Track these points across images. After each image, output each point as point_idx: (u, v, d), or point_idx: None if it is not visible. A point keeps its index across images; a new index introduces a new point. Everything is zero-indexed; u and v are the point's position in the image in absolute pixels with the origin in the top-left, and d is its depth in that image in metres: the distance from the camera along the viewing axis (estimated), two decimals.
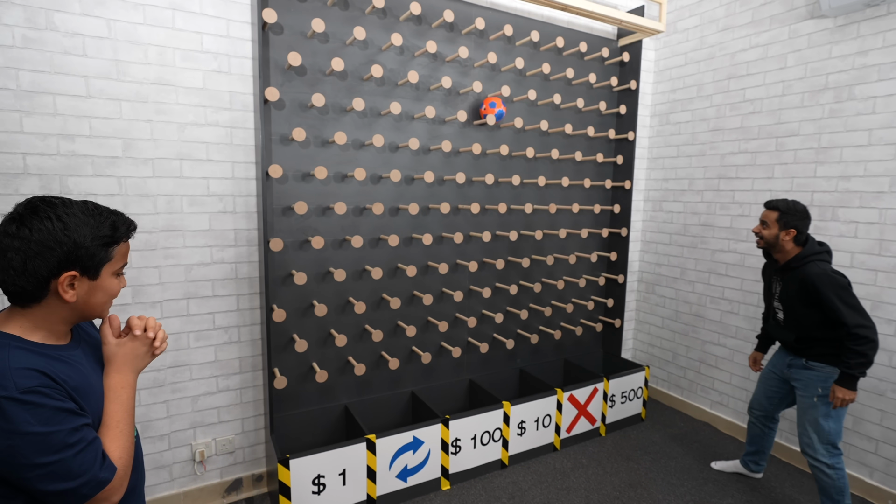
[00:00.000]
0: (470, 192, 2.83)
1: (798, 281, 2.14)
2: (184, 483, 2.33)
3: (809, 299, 2.11)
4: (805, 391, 2.20)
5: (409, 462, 2.40)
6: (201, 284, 2.26)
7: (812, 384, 2.17)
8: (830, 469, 2.13)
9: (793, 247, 2.18)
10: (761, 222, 2.24)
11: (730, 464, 2.74)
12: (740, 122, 3.03)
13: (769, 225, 2.20)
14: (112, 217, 1.01)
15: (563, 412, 2.89)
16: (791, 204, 2.16)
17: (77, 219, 0.95)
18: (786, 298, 2.24)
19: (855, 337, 1.98)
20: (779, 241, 2.19)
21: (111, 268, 1.01)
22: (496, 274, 2.99)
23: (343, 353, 2.57)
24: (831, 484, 2.15)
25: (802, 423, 2.21)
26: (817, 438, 2.15)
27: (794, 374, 2.26)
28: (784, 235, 2.17)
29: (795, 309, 2.19)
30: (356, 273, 2.55)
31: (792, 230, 2.15)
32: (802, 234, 2.16)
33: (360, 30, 2.23)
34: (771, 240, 2.21)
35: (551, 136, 3.08)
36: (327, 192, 2.42)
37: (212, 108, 2.19)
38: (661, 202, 3.58)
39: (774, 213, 2.19)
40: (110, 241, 0.99)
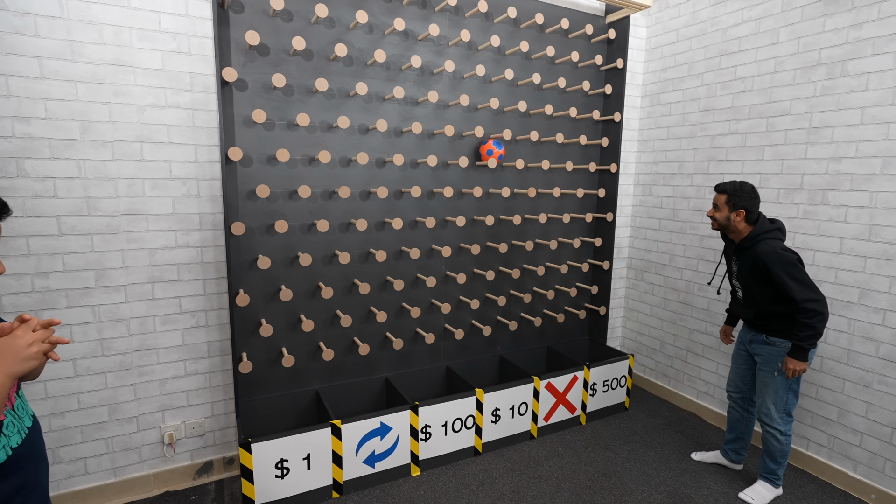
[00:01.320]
0: (444, 175, 2.76)
1: (751, 260, 2.20)
2: (154, 465, 2.36)
3: (761, 277, 2.17)
4: (765, 365, 2.26)
5: (377, 448, 2.39)
6: (166, 268, 2.26)
7: (772, 359, 2.23)
8: (783, 435, 2.25)
9: (745, 226, 2.23)
10: (713, 205, 2.30)
11: (710, 454, 2.68)
12: (731, 102, 2.90)
13: (720, 207, 2.26)
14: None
15: (540, 400, 2.84)
16: (738, 185, 2.21)
17: None
18: (742, 277, 2.30)
19: (804, 311, 2.04)
20: (730, 222, 2.24)
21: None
22: (473, 260, 2.94)
23: (313, 338, 2.56)
24: (779, 448, 2.27)
25: (762, 393, 2.29)
26: (774, 408, 2.24)
27: (756, 349, 2.32)
28: (735, 216, 2.22)
29: (751, 287, 2.25)
30: (326, 258, 2.52)
31: (741, 211, 2.20)
32: (753, 214, 2.21)
33: (322, 7, 2.17)
34: (723, 221, 2.26)
35: (532, 118, 2.99)
36: (294, 175, 2.38)
37: (172, 89, 2.16)
38: (651, 186, 3.46)
39: (723, 196, 2.24)
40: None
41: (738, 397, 2.50)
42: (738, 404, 2.51)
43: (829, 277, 2.49)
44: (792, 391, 2.22)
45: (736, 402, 2.52)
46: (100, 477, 2.25)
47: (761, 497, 2.34)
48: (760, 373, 2.29)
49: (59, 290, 2.07)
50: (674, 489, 2.44)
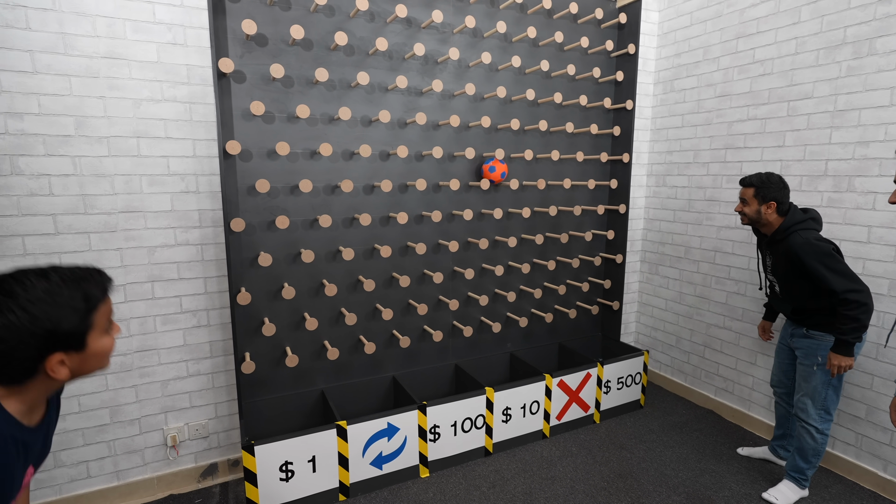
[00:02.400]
0: (450, 168, 2.68)
1: (784, 253, 2.09)
2: (157, 468, 2.31)
3: (797, 270, 2.06)
4: (805, 359, 2.16)
5: (384, 449, 2.32)
6: (166, 267, 2.20)
7: (812, 352, 2.13)
8: (819, 433, 2.13)
9: (776, 218, 2.14)
10: (741, 200, 2.21)
11: (757, 450, 2.61)
12: (749, 86, 2.77)
13: (748, 201, 2.17)
14: (82, 284, 0.94)
15: (552, 398, 2.75)
16: (765, 177, 2.12)
17: (43, 304, 0.88)
18: (777, 271, 2.19)
19: (846, 302, 1.94)
20: (761, 215, 2.15)
21: (97, 331, 0.96)
22: (481, 254, 2.85)
23: (318, 337, 2.49)
24: (813, 447, 2.15)
25: (800, 387, 2.18)
26: (812, 403, 2.13)
27: (796, 342, 2.22)
28: (765, 209, 2.13)
29: (787, 281, 2.15)
30: (329, 254, 2.45)
31: (772, 202, 2.11)
32: (784, 205, 2.12)
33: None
34: (753, 216, 2.18)
35: (540, 107, 2.89)
36: (295, 169, 2.31)
37: (168, 82, 2.10)
38: (665, 176, 3.34)
39: (750, 189, 2.16)
40: (87, 311, 0.93)
41: (783, 392, 2.40)
42: (783, 399, 2.42)
43: (857, 268, 2.36)
44: (832, 388, 2.10)
45: (781, 397, 2.43)
46: (102, 480, 2.21)
47: (785, 497, 2.24)
48: (800, 367, 2.19)
49: None
50: (693, 490, 2.34)
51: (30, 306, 0.86)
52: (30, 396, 0.94)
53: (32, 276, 0.89)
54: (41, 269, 0.91)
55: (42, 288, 0.88)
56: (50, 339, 0.89)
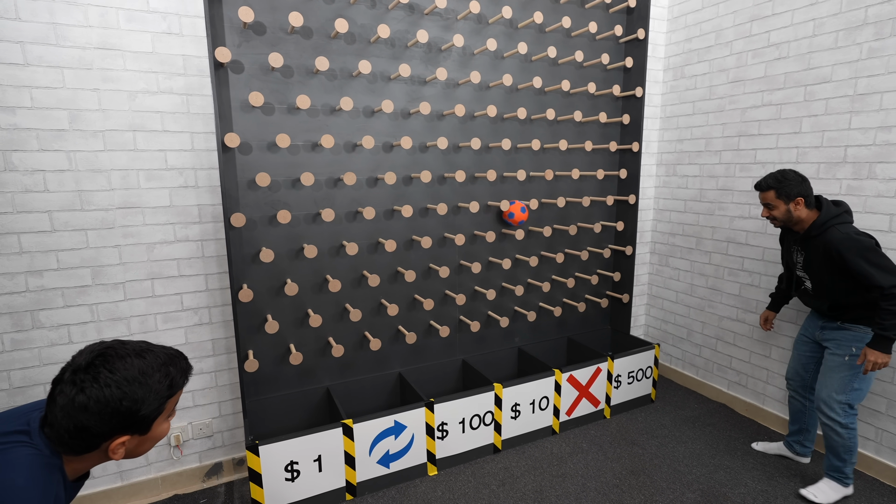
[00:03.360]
0: (456, 158, 2.61)
1: (821, 249, 2.00)
2: (161, 468, 2.27)
3: (836, 267, 1.97)
4: (837, 349, 2.08)
5: (391, 447, 2.27)
6: (165, 264, 2.15)
7: (845, 343, 2.06)
8: (843, 428, 2.05)
9: (808, 213, 2.06)
10: (765, 205, 2.13)
11: (773, 445, 2.53)
12: (764, 71, 2.67)
13: (774, 205, 2.09)
14: (170, 371, 0.94)
15: (562, 394, 2.70)
16: (780, 175, 2.05)
17: (136, 384, 0.88)
18: (810, 268, 2.09)
19: (891, 297, 1.84)
20: (791, 214, 2.07)
21: (162, 416, 0.97)
22: (488, 248, 2.78)
23: (322, 334, 2.44)
24: (841, 443, 2.07)
25: (825, 379, 2.10)
26: (836, 397, 2.05)
27: (827, 335, 2.14)
28: (794, 207, 2.05)
29: (823, 278, 2.05)
30: (332, 249, 2.39)
31: (798, 199, 2.03)
32: (810, 198, 2.05)
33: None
34: (784, 217, 2.09)
35: (547, 95, 2.80)
36: (296, 162, 2.25)
37: (164, 73, 2.03)
38: (676, 165, 3.26)
39: (770, 192, 2.08)
40: (167, 398, 0.95)
41: (797, 385, 2.34)
42: (798, 393, 2.35)
43: None
44: (861, 380, 2.02)
45: (796, 391, 2.36)
46: (106, 481, 2.18)
47: (825, 495, 2.15)
48: (830, 357, 2.10)
49: (54, 289, 1.98)
50: (708, 487, 2.28)
51: (124, 385, 0.87)
52: (82, 466, 0.95)
53: (132, 353, 0.89)
54: (139, 347, 0.92)
55: (138, 367, 0.89)
56: (127, 421, 0.89)
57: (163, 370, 0.92)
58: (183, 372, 0.97)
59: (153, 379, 0.90)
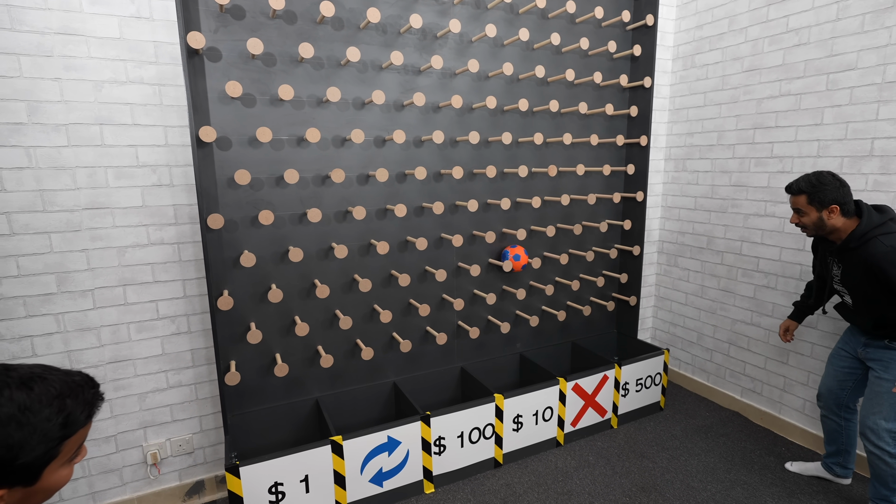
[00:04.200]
0: (453, 154, 2.44)
1: (861, 263, 1.79)
2: (137, 487, 2.12)
3: (878, 282, 1.76)
4: (885, 373, 1.87)
5: (385, 465, 2.11)
6: (139, 269, 1.98)
7: (894, 365, 1.85)
8: (893, 458, 1.85)
9: (844, 222, 1.83)
10: (795, 211, 1.91)
11: (810, 466, 2.31)
12: (782, 59, 2.50)
13: (804, 211, 1.87)
14: (67, 403, 0.73)
15: (566, 404, 2.54)
16: (815, 179, 1.83)
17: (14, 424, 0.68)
18: (849, 282, 1.88)
19: None
20: (824, 223, 1.85)
21: (58, 461, 0.75)
22: (487, 249, 2.62)
23: (311, 342, 2.28)
24: (890, 473, 1.87)
25: (871, 405, 1.89)
26: (885, 425, 1.84)
27: (872, 353, 1.93)
28: (827, 215, 1.83)
29: (865, 293, 1.84)
30: (321, 252, 2.23)
31: (833, 206, 1.81)
32: (848, 205, 1.81)
33: None
34: (816, 225, 1.87)
35: (550, 86, 2.63)
36: (280, 158, 2.08)
37: (133, 62, 1.86)
38: (685, 160, 3.09)
39: (802, 197, 1.86)
40: (59, 440, 0.73)
41: (832, 403, 2.12)
42: (832, 412, 2.14)
43: None
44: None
45: (829, 409, 2.15)
46: (76, 503, 2.02)
47: None
48: (876, 381, 1.89)
49: (14, 298, 1.81)
50: None
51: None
52: None
53: (15, 383, 0.70)
54: (28, 374, 0.72)
55: (18, 403, 0.69)
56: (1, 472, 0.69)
57: (55, 404, 0.72)
58: (87, 404, 0.77)
59: (39, 417, 0.71)
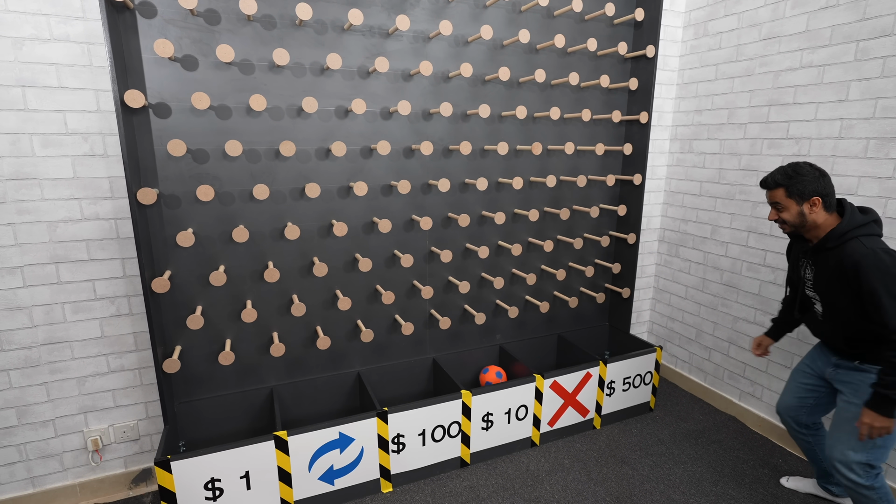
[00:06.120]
0: (425, 128, 2.21)
1: (835, 263, 1.60)
2: (79, 473, 2.02)
3: (849, 285, 1.56)
4: (853, 397, 1.68)
5: (336, 462, 1.97)
6: (72, 246, 1.84)
7: (865, 389, 1.64)
8: (869, 490, 1.65)
9: (826, 218, 1.64)
10: (773, 206, 1.72)
11: (807, 483, 2.12)
12: (806, 24, 2.19)
13: (784, 205, 1.68)
14: None
15: (543, 402, 2.35)
16: (791, 169, 1.65)
17: None
18: (821, 286, 1.69)
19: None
20: (805, 218, 1.65)
21: None
22: (462, 233, 2.41)
23: (266, 329, 2.13)
24: (873, 500, 1.66)
25: (839, 433, 1.69)
26: (854, 457, 1.65)
27: (842, 375, 1.75)
28: (808, 209, 1.64)
29: (835, 300, 1.64)
30: (275, 231, 2.05)
31: (814, 199, 1.62)
32: (831, 197, 1.63)
33: None
34: (796, 221, 1.67)
35: (538, 54, 2.37)
36: (228, 128, 1.89)
37: (57, 16, 1.67)
38: (692, 141, 2.80)
39: (780, 190, 1.67)
40: None
41: (792, 420, 1.96)
42: (795, 431, 1.97)
43: None
44: (886, 437, 1.59)
45: (791, 427, 1.98)
46: (15, 487, 1.94)
47: None
48: (844, 406, 1.70)
49: None
50: None
51: None
52: None
53: None
54: None
55: None
56: None
57: None
58: None
59: None
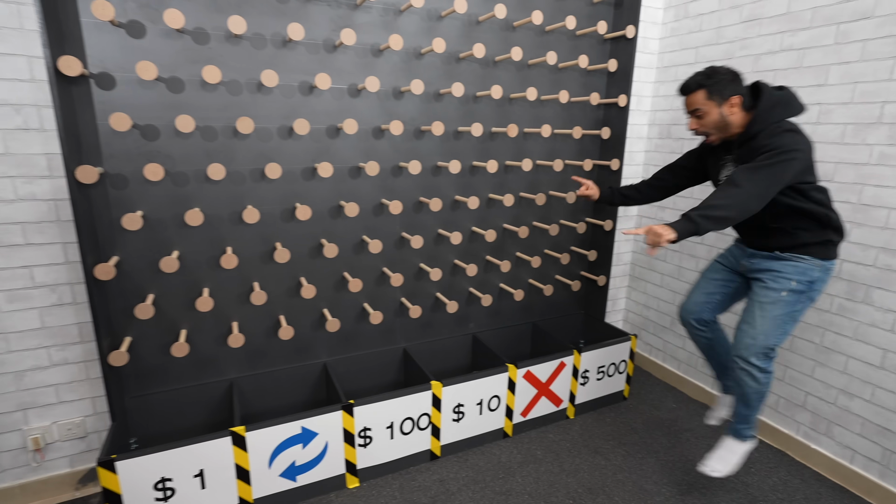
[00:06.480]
0: (395, 107, 2.10)
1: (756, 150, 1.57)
2: (19, 475, 1.88)
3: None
4: (773, 282, 1.70)
5: (298, 458, 1.88)
6: (5, 229, 1.68)
7: (785, 275, 1.68)
8: (762, 373, 1.70)
9: (743, 116, 1.65)
10: (692, 115, 1.70)
11: (722, 409, 2.11)
12: (787, 6, 2.14)
13: (704, 110, 1.66)
14: None
15: (516, 392, 2.30)
16: (709, 70, 1.65)
17: None
18: None
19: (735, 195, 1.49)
20: (726, 120, 1.65)
21: None
22: (435, 218, 2.31)
23: (225, 318, 2.01)
24: (756, 388, 1.72)
25: (752, 319, 1.70)
26: (763, 342, 1.66)
27: (757, 264, 1.77)
28: (728, 110, 1.64)
29: None
30: (233, 215, 1.92)
31: (733, 98, 1.63)
32: (746, 98, 1.64)
33: None
34: (718, 124, 1.66)
35: (515, 32, 2.27)
36: (180, 102, 1.75)
37: None
38: (671, 126, 2.75)
39: (701, 93, 1.65)
40: None
41: (693, 318, 1.97)
42: (694, 328, 1.98)
43: None
44: (793, 322, 1.69)
45: (696, 324, 1.97)
46: None
47: (727, 463, 1.84)
48: (762, 292, 1.70)
49: None
50: None
51: None
52: None
53: None
54: None
55: None
56: None
57: None
58: None
59: None
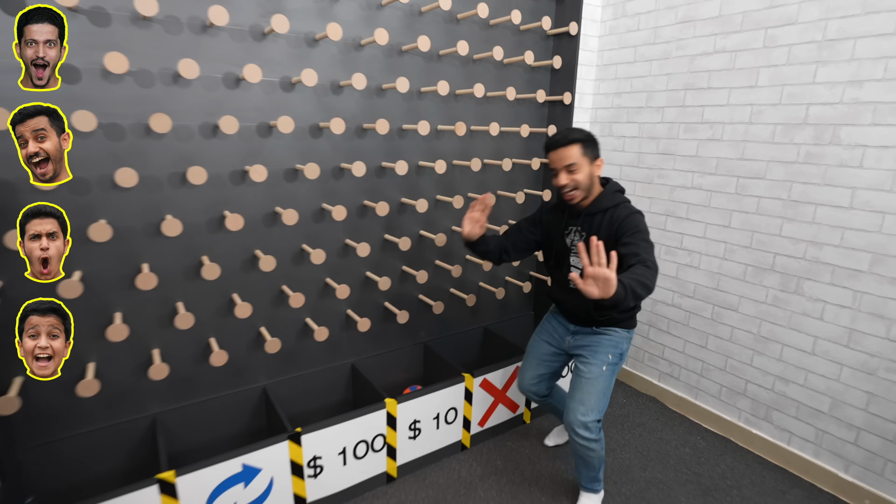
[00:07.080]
0: (334, 102, 1.93)
1: (606, 226, 1.65)
2: None
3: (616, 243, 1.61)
4: (594, 358, 1.76)
5: (241, 499, 1.67)
6: None
7: (603, 349, 1.76)
8: (597, 443, 1.75)
9: (596, 181, 1.72)
10: (564, 169, 1.66)
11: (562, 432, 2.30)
12: (719, 9, 2.20)
13: (578, 166, 1.64)
14: None
15: (473, 403, 2.21)
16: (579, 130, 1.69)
17: None
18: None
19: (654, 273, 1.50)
20: (592, 180, 1.68)
21: None
22: (380, 223, 2.17)
23: (145, 346, 1.74)
24: (596, 455, 1.77)
25: (582, 396, 1.73)
26: (592, 417, 1.70)
27: (580, 340, 1.84)
28: (596, 170, 1.69)
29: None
30: (150, 226, 1.66)
31: (599, 160, 1.69)
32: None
33: None
34: (586, 182, 1.67)
35: (460, 25, 2.17)
36: (78, 95, 1.47)
37: None
38: (612, 124, 2.78)
39: (576, 147, 1.64)
40: None
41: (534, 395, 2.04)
42: (538, 399, 2.06)
43: (834, 239, 1.95)
44: (611, 389, 1.77)
45: (535, 399, 2.06)
46: None
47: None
48: (586, 368, 1.75)
49: None
50: None
51: None
52: None
53: None
54: None
55: None
56: None
57: None
58: None
59: None
